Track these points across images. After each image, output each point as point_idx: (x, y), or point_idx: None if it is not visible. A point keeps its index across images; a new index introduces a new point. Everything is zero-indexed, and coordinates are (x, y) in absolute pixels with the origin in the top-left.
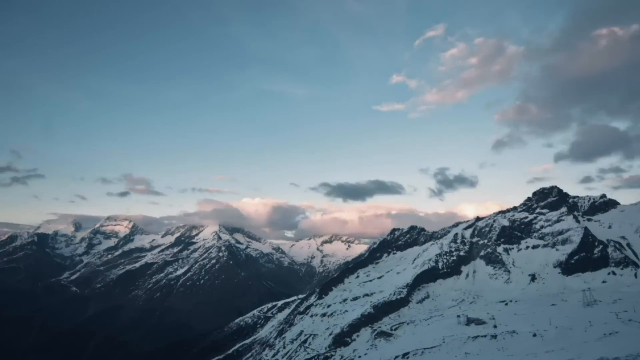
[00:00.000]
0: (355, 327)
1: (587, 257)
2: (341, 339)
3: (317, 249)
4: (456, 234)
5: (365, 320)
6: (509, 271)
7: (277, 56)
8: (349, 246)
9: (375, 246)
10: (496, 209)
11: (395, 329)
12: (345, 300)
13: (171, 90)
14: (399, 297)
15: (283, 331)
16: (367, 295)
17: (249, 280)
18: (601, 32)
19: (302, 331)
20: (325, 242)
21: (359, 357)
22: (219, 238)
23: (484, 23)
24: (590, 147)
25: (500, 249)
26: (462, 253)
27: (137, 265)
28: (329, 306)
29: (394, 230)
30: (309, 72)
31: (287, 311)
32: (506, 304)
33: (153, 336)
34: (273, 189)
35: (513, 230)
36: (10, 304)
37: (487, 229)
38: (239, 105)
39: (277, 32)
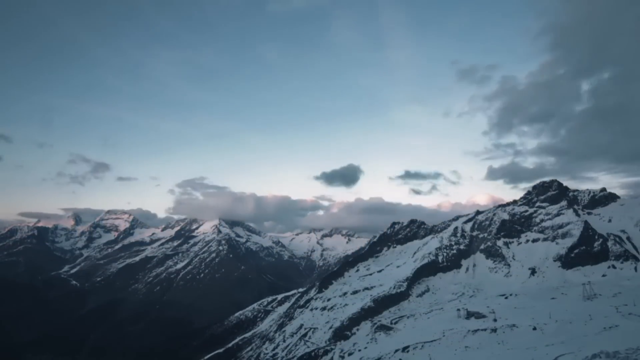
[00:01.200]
0: (355, 320)
1: (587, 250)
2: (341, 333)
3: (317, 242)
4: (456, 228)
5: (366, 313)
6: (509, 265)
7: None
8: (349, 240)
9: (375, 240)
10: None
11: (396, 323)
12: (345, 293)
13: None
14: (399, 290)
15: (283, 325)
16: (367, 288)
17: (249, 274)
18: None
19: (302, 325)
20: (325, 235)
21: (359, 350)
22: (219, 232)
23: None
24: None
25: (500, 243)
26: (462, 247)
27: (137, 259)
28: (329, 300)
29: (394, 223)
30: None
31: (287, 305)
32: (506, 298)
33: (153, 330)
34: None
35: (513, 223)
36: (10, 298)
37: (487, 222)
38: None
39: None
